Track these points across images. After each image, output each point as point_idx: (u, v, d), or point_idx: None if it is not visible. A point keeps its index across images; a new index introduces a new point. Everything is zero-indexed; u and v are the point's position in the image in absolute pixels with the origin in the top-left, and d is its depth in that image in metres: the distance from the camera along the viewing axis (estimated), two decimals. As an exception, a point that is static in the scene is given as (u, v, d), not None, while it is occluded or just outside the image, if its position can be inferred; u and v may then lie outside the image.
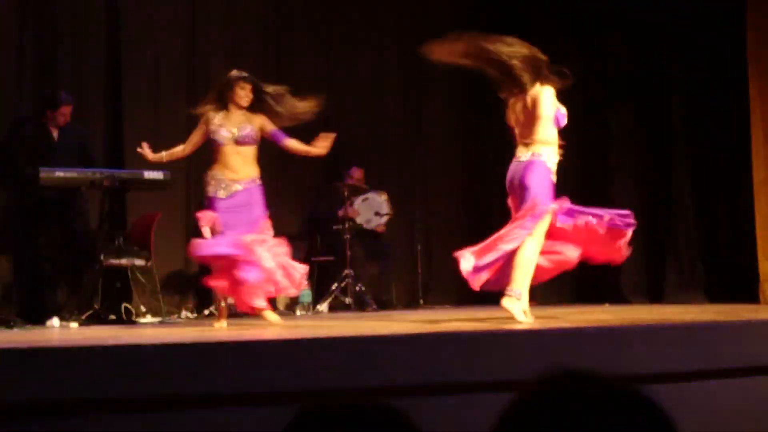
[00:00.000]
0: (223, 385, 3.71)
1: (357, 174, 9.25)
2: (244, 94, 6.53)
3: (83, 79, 8.56)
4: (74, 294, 7.67)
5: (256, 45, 9.40)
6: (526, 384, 1.38)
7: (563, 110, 5.90)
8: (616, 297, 8.76)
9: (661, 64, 8.77)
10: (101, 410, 3.57)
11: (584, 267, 6.64)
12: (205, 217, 6.42)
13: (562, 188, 6.04)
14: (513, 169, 5.86)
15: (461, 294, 9.55)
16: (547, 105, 5.80)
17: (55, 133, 7.77)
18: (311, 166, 9.59)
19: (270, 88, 6.61)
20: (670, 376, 4.27)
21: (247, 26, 9.37)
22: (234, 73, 6.61)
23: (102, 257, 7.42)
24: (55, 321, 7.18)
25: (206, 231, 6.37)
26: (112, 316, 7.42)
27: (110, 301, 7.53)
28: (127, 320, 7.41)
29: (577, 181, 8.89)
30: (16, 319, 7.45)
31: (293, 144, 6.65)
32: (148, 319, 7.62)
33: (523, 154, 5.82)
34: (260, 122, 6.54)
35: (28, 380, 3.53)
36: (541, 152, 5.79)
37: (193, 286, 8.85)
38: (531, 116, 5.81)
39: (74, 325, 7.07)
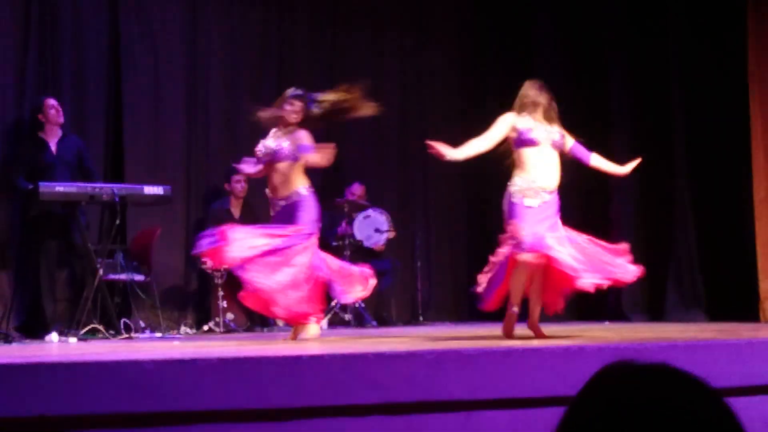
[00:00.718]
0: (222, 401, 3.70)
1: (358, 190, 9.25)
2: (291, 110, 6.59)
3: (84, 95, 8.57)
4: (73, 309, 7.66)
5: (256, 61, 9.41)
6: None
7: (524, 128, 5.92)
8: (617, 315, 8.75)
9: (662, 84, 8.78)
10: (100, 426, 3.56)
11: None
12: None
13: (561, 208, 6.06)
14: None
15: (461, 311, 9.55)
16: (494, 127, 5.93)
17: (53, 147, 7.78)
18: (312, 181, 9.59)
19: (326, 99, 6.64)
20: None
21: (248, 42, 9.39)
22: (289, 90, 6.69)
23: (101, 272, 7.41)
24: (53, 336, 7.17)
25: None
26: (111, 332, 7.41)
27: (109, 316, 7.52)
28: (126, 335, 7.40)
29: (576, 201, 8.90)
30: (14, 333, 7.45)
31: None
32: (147, 334, 7.61)
33: None
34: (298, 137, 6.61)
35: (26, 396, 3.52)
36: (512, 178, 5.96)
37: (192, 301, 8.85)
38: None
39: (73, 340, 7.06)
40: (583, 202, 8.94)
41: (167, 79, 8.97)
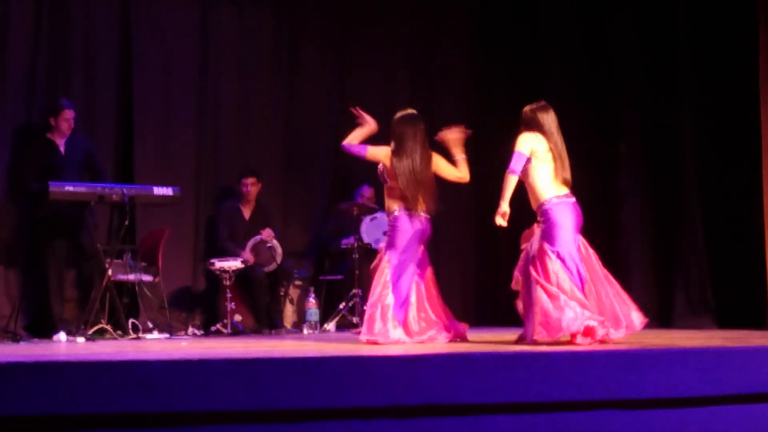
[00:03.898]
0: (229, 403, 3.70)
1: (368, 193, 9.25)
2: None
3: (94, 96, 8.58)
4: (81, 309, 7.67)
5: (267, 66, 9.41)
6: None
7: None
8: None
9: (673, 93, 8.75)
10: (107, 426, 3.56)
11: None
12: None
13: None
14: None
15: (467, 315, 9.54)
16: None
17: (62, 147, 7.79)
18: (321, 184, 9.59)
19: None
20: (678, 402, 4.24)
21: (259, 47, 9.38)
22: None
23: (110, 272, 7.42)
24: (62, 335, 7.19)
25: None
26: (119, 332, 7.42)
27: (117, 316, 7.53)
28: (134, 336, 7.41)
29: (586, 206, 8.87)
30: (23, 332, 7.46)
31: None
32: (155, 334, 7.61)
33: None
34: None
35: (34, 394, 3.53)
36: None
37: (200, 302, 8.85)
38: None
39: (81, 339, 7.08)
40: (591, 209, 8.92)
41: (177, 81, 8.97)
